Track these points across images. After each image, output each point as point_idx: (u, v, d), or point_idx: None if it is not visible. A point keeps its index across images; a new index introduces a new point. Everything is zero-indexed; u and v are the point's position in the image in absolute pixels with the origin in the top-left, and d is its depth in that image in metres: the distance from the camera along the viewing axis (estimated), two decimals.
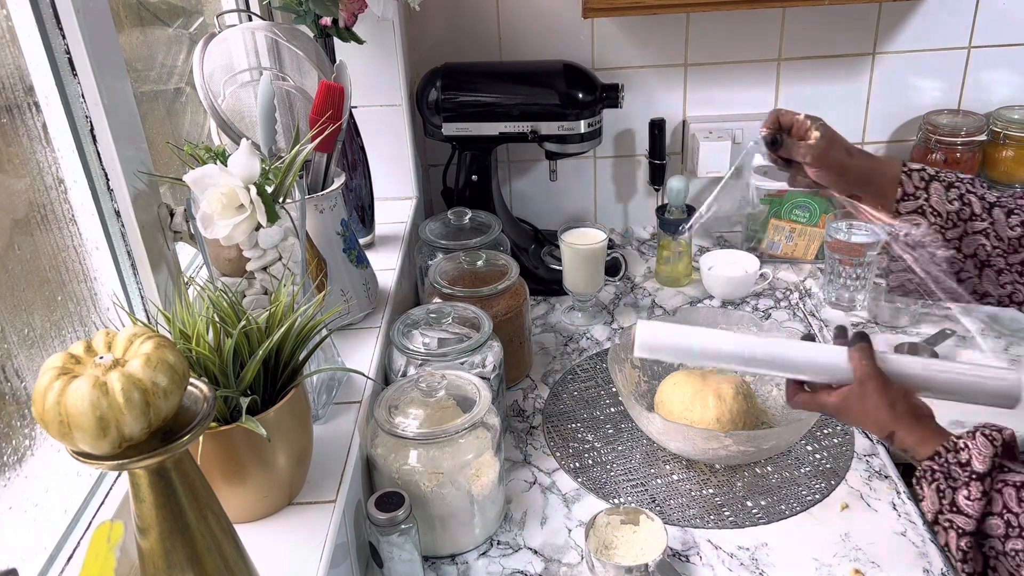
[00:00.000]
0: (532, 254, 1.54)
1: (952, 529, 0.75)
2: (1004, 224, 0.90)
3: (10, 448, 0.70)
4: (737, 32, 1.54)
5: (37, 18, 0.73)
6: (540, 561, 0.97)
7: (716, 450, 1.04)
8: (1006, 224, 0.90)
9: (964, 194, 0.91)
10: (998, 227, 0.91)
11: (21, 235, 0.73)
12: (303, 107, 1.11)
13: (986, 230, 0.91)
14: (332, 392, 1.00)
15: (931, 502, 0.77)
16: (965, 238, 0.92)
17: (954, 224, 0.91)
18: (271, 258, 0.87)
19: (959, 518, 0.75)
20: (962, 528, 0.74)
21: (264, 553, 0.76)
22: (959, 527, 0.74)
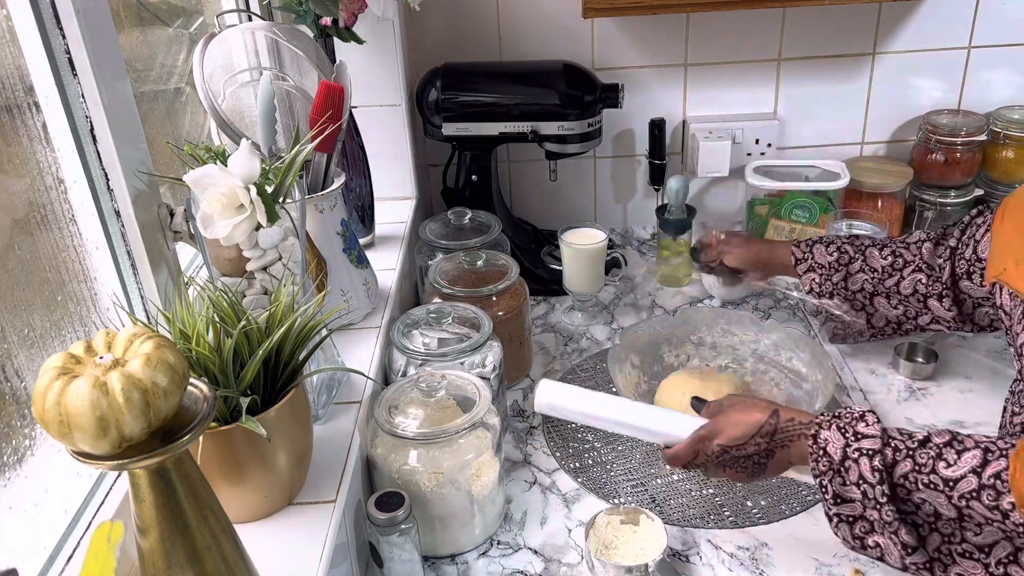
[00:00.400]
0: (532, 254, 1.54)
1: (863, 455, 0.79)
2: (876, 257, 1.15)
3: (10, 448, 0.70)
4: (737, 32, 1.54)
5: (37, 18, 0.73)
6: (540, 561, 0.97)
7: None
8: (878, 256, 1.15)
9: (840, 246, 1.18)
10: (870, 261, 1.16)
11: (21, 235, 0.73)
12: (303, 107, 1.11)
13: (861, 267, 1.16)
14: (332, 392, 1.00)
15: (836, 440, 0.82)
16: (848, 278, 1.17)
17: (836, 270, 1.18)
18: (271, 258, 0.87)
19: (866, 442, 0.80)
20: (871, 449, 0.79)
21: (264, 553, 0.76)
22: (867, 449, 0.79)
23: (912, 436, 0.80)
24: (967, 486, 0.74)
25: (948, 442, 0.77)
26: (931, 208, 1.57)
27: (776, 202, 1.54)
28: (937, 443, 0.78)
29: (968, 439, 0.77)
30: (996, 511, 0.72)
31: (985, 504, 0.73)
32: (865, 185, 1.54)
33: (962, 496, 0.74)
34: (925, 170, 1.57)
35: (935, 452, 0.77)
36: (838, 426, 0.82)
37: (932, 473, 0.76)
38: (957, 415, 1.16)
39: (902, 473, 0.78)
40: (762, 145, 1.61)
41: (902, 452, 0.79)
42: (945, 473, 0.75)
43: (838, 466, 0.81)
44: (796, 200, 1.52)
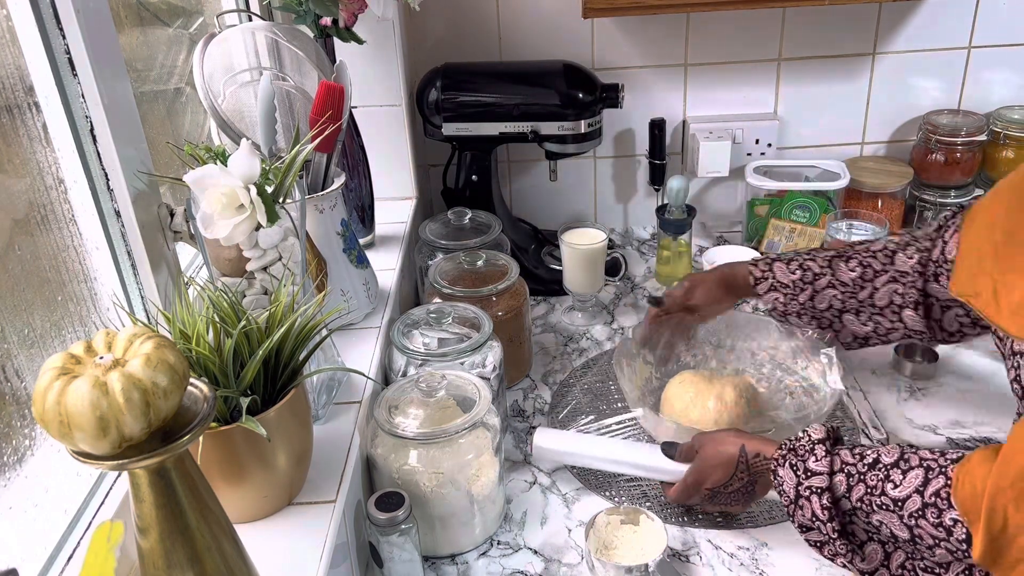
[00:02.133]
0: (532, 254, 1.54)
1: (813, 494, 0.82)
2: (844, 270, 1.06)
3: (10, 448, 0.70)
4: (737, 32, 1.54)
5: (37, 18, 0.73)
6: (540, 561, 0.97)
7: None
8: (846, 269, 1.06)
9: (802, 263, 1.09)
10: (839, 275, 1.06)
11: (21, 235, 0.73)
12: (303, 107, 1.11)
13: (830, 282, 1.07)
14: (332, 392, 1.00)
15: (790, 479, 0.84)
16: (816, 296, 1.08)
17: (801, 288, 1.09)
18: (271, 258, 0.87)
19: (815, 479, 0.82)
20: (819, 487, 0.81)
21: (264, 553, 0.76)
22: (816, 487, 0.82)
23: (863, 457, 0.81)
24: (913, 505, 0.75)
25: (895, 462, 0.79)
26: (931, 208, 1.57)
27: (776, 202, 1.54)
28: (885, 463, 0.79)
29: (914, 456, 0.78)
30: (940, 528, 0.73)
31: (930, 522, 0.74)
32: (865, 185, 1.54)
33: (911, 515, 0.76)
34: (925, 170, 1.57)
35: (884, 474, 0.78)
36: (791, 463, 0.85)
37: (882, 495, 0.78)
38: (957, 415, 1.16)
39: (858, 497, 0.80)
40: (762, 145, 1.61)
41: (854, 477, 0.80)
42: (893, 494, 0.77)
43: (793, 504, 0.84)
44: (796, 200, 1.52)
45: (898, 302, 1.04)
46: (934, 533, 0.74)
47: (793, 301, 1.09)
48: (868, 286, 1.05)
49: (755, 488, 0.93)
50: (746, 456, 0.91)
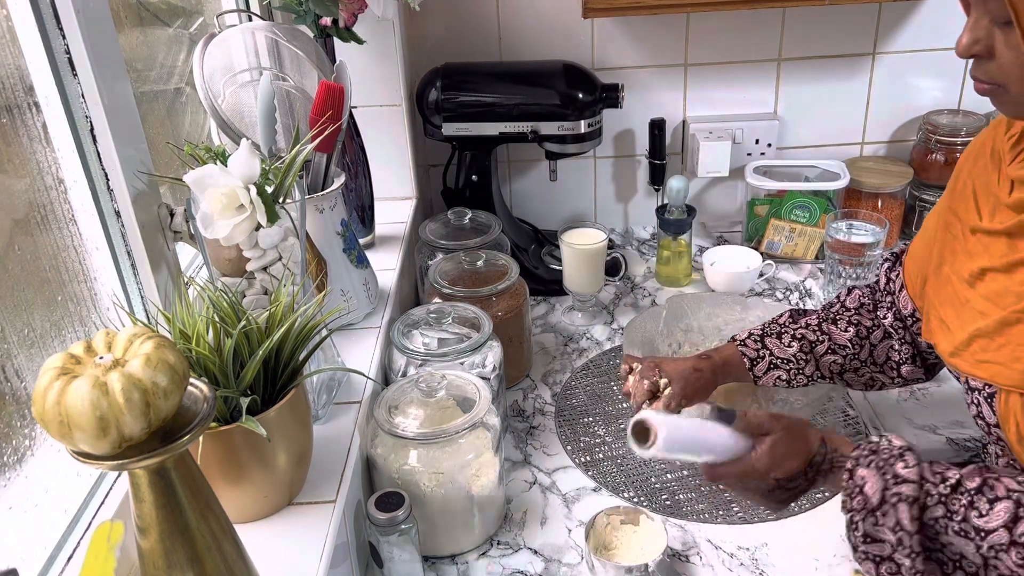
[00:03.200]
0: (532, 254, 1.54)
1: (902, 501, 0.74)
2: (839, 334, 1.02)
3: (10, 448, 0.70)
4: (737, 32, 1.54)
5: (37, 18, 0.73)
6: (540, 561, 0.97)
7: None
8: (839, 331, 1.02)
9: (795, 334, 1.02)
10: (835, 339, 1.02)
11: (21, 235, 0.73)
12: (303, 107, 1.11)
13: (829, 347, 1.02)
14: (332, 392, 1.00)
15: (875, 481, 0.76)
16: (820, 365, 1.02)
17: (806, 361, 1.02)
18: (271, 258, 0.87)
19: (905, 487, 0.75)
20: (910, 496, 0.74)
21: (264, 553, 0.76)
22: (907, 496, 0.74)
23: (945, 479, 0.75)
24: (997, 539, 0.71)
25: (979, 487, 0.74)
26: (931, 208, 1.57)
27: (776, 202, 1.54)
28: (968, 487, 0.74)
29: (999, 485, 0.74)
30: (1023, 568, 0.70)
31: (1014, 561, 0.71)
32: (865, 185, 1.54)
33: (992, 547, 0.72)
34: (925, 170, 1.57)
35: (967, 500, 0.74)
36: (876, 464, 0.77)
37: (964, 521, 0.73)
38: (957, 415, 1.16)
39: (932, 517, 0.75)
40: (762, 145, 1.61)
41: (934, 497, 0.75)
42: (976, 523, 0.72)
43: (875, 508, 0.76)
44: (796, 200, 1.52)
45: (895, 358, 1.01)
46: (1015, 570, 0.71)
47: (799, 375, 1.02)
48: (865, 344, 1.02)
49: (814, 485, 0.85)
50: (826, 451, 0.83)
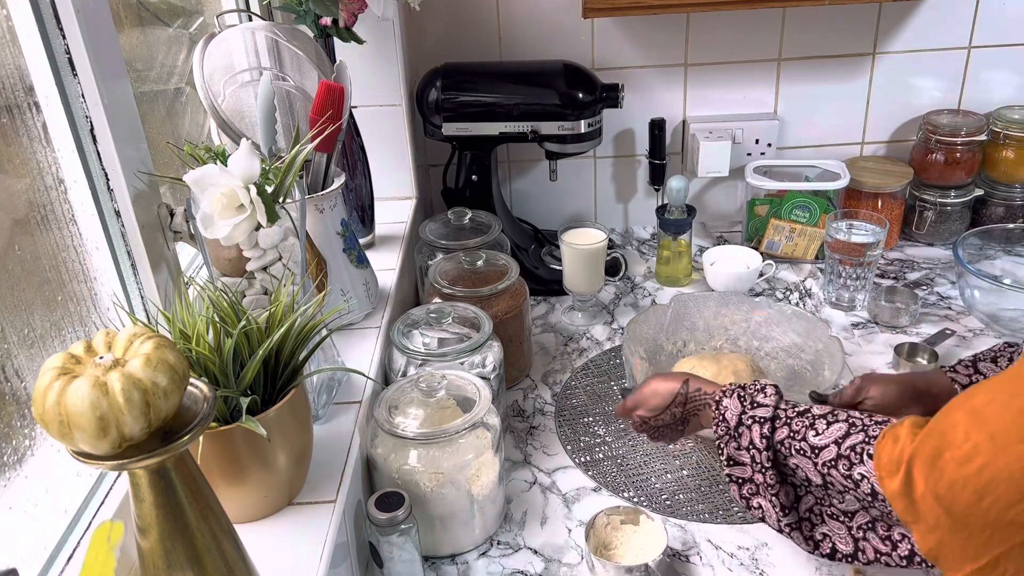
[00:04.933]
0: (532, 254, 1.54)
1: (755, 422, 0.84)
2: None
3: (10, 448, 0.70)
4: (737, 32, 1.54)
5: (37, 18, 0.73)
6: (540, 561, 0.97)
7: None
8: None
9: (1011, 356, 0.97)
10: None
11: (21, 235, 0.73)
12: (303, 107, 1.11)
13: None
14: (332, 392, 1.00)
15: (734, 408, 0.87)
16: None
17: None
18: (271, 258, 0.87)
19: (760, 410, 0.85)
20: (763, 417, 0.84)
21: (264, 553, 0.76)
22: (760, 417, 0.84)
23: (797, 407, 0.84)
24: (828, 455, 0.79)
25: (824, 415, 0.82)
26: (931, 208, 1.57)
27: (776, 202, 1.54)
28: (815, 414, 0.82)
29: (842, 413, 0.81)
30: (849, 480, 0.77)
31: (841, 472, 0.78)
32: (865, 185, 1.54)
33: (824, 463, 0.79)
34: (925, 170, 1.57)
35: (809, 422, 0.81)
36: (739, 395, 0.88)
37: (803, 440, 0.81)
38: None
39: (779, 439, 0.83)
40: (762, 145, 1.61)
41: (782, 420, 0.84)
42: (812, 441, 0.80)
43: (733, 431, 0.86)
44: (796, 200, 1.52)
45: None
46: (843, 483, 0.78)
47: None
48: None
49: (684, 428, 0.97)
50: (687, 390, 0.94)
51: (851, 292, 1.41)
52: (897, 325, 1.36)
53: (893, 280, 1.49)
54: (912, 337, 1.33)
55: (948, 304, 1.42)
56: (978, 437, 0.61)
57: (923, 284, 1.48)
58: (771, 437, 0.83)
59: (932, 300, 1.43)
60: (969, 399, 0.64)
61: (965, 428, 0.63)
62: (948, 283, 1.47)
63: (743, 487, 0.86)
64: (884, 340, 1.33)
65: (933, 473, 0.64)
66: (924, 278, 1.50)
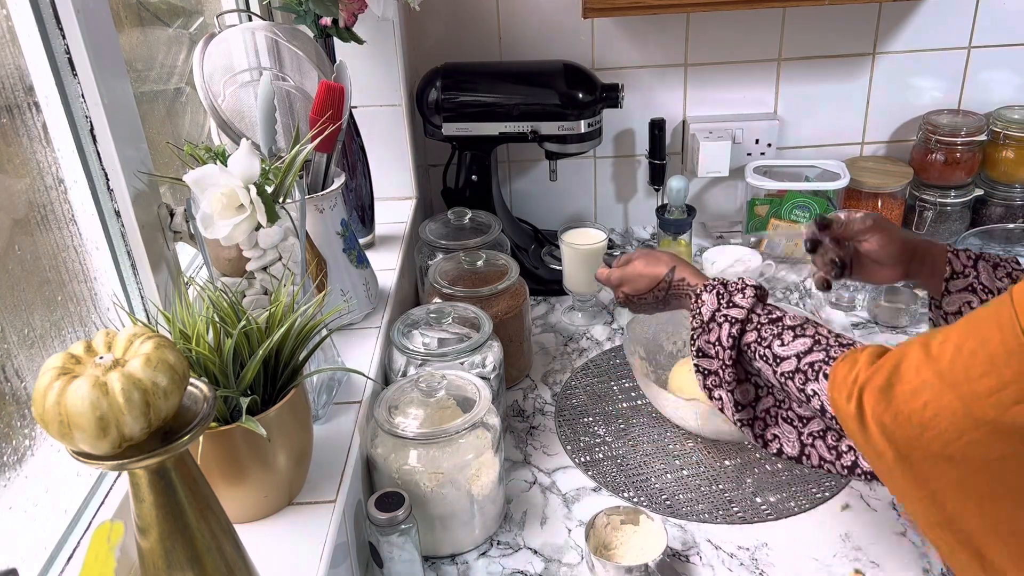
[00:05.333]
0: (532, 254, 1.54)
1: (727, 321, 0.87)
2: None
3: (10, 448, 0.70)
4: (737, 32, 1.54)
5: (37, 18, 0.73)
6: (540, 561, 0.97)
7: None
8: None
9: (1011, 272, 0.94)
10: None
11: (21, 235, 0.73)
12: (303, 107, 1.11)
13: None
14: (332, 392, 1.00)
15: (711, 303, 0.89)
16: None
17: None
18: (271, 258, 0.87)
19: (734, 311, 0.87)
20: (735, 318, 0.86)
21: (264, 553, 0.76)
22: (732, 317, 0.87)
23: (773, 313, 0.86)
24: (787, 367, 0.81)
25: (795, 326, 0.83)
26: (931, 208, 1.57)
27: (776, 202, 1.54)
28: (786, 324, 0.84)
29: (812, 328, 0.82)
30: (803, 394, 0.80)
31: (796, 386, 0.80)
32: (865, 185, 1.54)
33: (783, 374, 0.82)
34: (925, 170, 1.57)
35: (778, 331, 0.84)
36: (718, 292, 0.90)
37: (768, 348, 0.83)
38: None
39: (747, 342, 0.86)
40: (762, 145, 1.61)
41: (753, 324, 0.86)
42: (776, 351, 0.82)
43: (705, 325, 0.89)
44: (796, 200, 1.52)
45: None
46: (798, 396, 0.81)
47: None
48: None
49: (667, 306, 1.01)
50: (671, 278, 0.98)
51: (851, 292, 1.41)
52: (897, 325, 1.36)
53: None
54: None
55: None
56: (927, 374, 0.63)
57: None
58: (739, 338, 0.86)
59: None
60: (929, 336, 0.66)
61: (917, 364, 0.64)
62: None
63: (708, 378, 0.89)
64: (884, 340, 1.33)
65: (881, 403, 0.66)
66: None
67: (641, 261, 1.02)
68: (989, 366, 0.58)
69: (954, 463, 0.61)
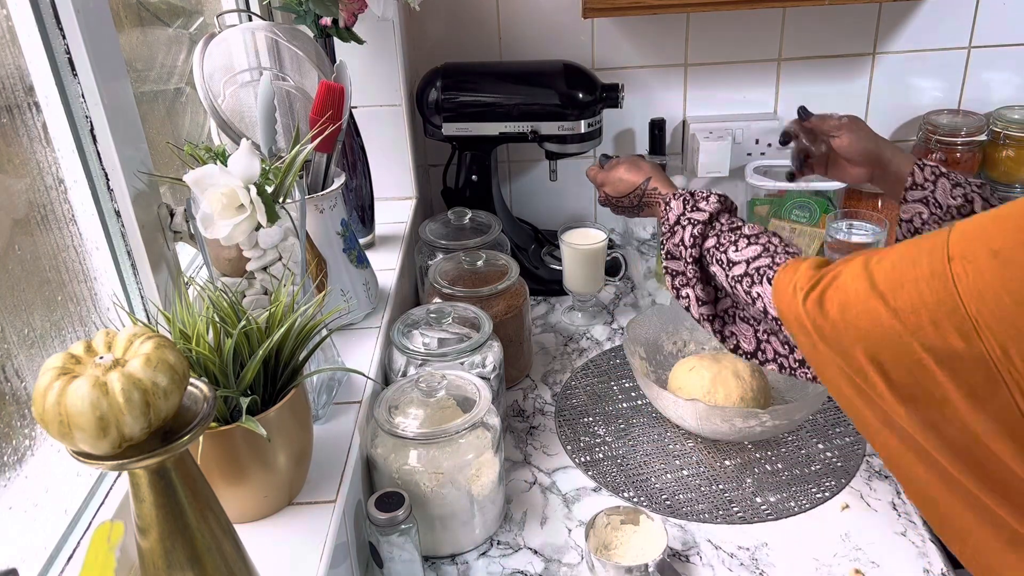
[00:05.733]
0: (532, 254, 1.54)
1: (690, 223, 0.93)
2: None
3: (10, 448, 0.70)
4: (737, 32, 1.54)
5: (37, 18, 0.73)
6: (540, 561, 0.97)
7: (752, 427, 1.06)
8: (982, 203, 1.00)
9: (968, 193, 0.99)
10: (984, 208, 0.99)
11: (21, 235, 0.73)
12: (303, 107, 1.11)
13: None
14: (332, 392, 1.00)
15: (677, 209, 0.95)
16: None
17: (952, 218, 0.99)
18: (271, 258, 0.87)
19: (697, 214, 0.93)
20: (697, 220, 0.92)
21: (264, 553, 0.76)
22: (695, 220, 0.93)
23: (735, 222, 0.92)
24: (737, 271, 0.87)
25: (751, 235, 0.88)
26: None
27: (776, 202, 1.54)
28: (744, 233, 0.89)
29: (766, 237, 0.88)
30: (749, 296, 0.85)
31: (743, 288, 0.86)
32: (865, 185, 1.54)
33: (733, 278, 0.87)
34: None
35: (734, 238, 0.89)
36: (684, 199, 0.96)
37: (723, 253, 0.89)
38: None
39: (707, 247, 0.91)
40: (762, 145, 1.61)
41: (715, 229, 0.91)
42: (730, 255, 0.88)
43: (671, 228, 0.95)
44: (796, 200, 1.52)
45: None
46: (745, 299, 0.86)
47: (939, 224, 0.99)
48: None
49: (639, 213, 1.09)
50: (645, 187, 1.05)
51: None
52: None
53: None
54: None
55: None
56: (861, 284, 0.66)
57: None
58: (700, 239, 0.92)
59: None
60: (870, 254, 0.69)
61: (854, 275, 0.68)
62: None
63: (675, 279, 0.95)
64: None
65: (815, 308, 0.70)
66: None
67: (624, 166, 1.09)
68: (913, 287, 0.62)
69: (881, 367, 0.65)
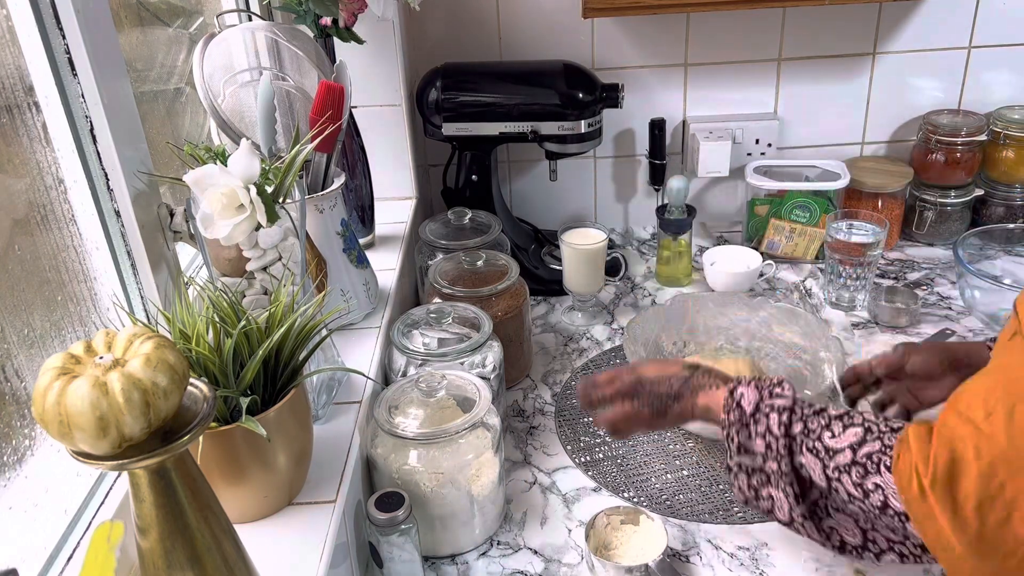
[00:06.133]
0: (532, 254, 1.54)
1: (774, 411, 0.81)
2: None
3: (10, 448, 0.70)
4: (737, 32, 1.54)
5: (37, 18, 0.73)
6: (540, 561, 0.97)
7: None
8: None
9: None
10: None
11: (21, 235, 0.73)
12: (303, 107, 1.11)
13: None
14: (332, 392, 1.00)
15: (752, 395, 0.83)
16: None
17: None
18: (271, 258, 0.87)
19: (779, 400, 0.82)
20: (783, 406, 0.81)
21: (264, 553, 0.76)
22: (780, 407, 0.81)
23: (813, 406, 0.82)
24: (842, 460, 0.76)
25: (841, 416, 0.79)
26: (931, 208, 1.57)
27: (776, 202, 1.54)
28: (831, 415, 0.80)
29: (859, 416, 0.79)
30: (859, 488, 0.75)
31: (852, 480, 0.75)
32: (865, 185, 1.54)
33: (836, 468, 0.76)
34: (925, 170, 1.57)
35: (825, 422, 0.79)
36: (756, 385, 0.85)
37: (818, 440, 0.78)
38: None
39: (792, 433, 0.80)
40: (762, 145, 1.61)
41: (798, 415, 0.81)
42: (828, 443, 0.78)
43: (748, 419, 0.83)
44: (796, 200, 1.52)
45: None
46: (851, 491, 0.75)
47: None
48: None
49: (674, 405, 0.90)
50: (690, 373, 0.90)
51: (851, 292, 1.41)
52: (897, 325, 1.36)
53: (893, 280, 1.49)
54: (912, 337, 1.33)
55: (948, 304, 1.42)
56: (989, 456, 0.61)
57: (923, 284, 1.48)
58: (787, 427, 0.81)
59: (932, 300, 1.43)
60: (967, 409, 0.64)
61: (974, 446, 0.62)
62: (948, 283, 1.47)
63: (752, 476, 0.83)
64: (884, 340, 1.33)
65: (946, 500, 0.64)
66: (924, 278, 1.50)
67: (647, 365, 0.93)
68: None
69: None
